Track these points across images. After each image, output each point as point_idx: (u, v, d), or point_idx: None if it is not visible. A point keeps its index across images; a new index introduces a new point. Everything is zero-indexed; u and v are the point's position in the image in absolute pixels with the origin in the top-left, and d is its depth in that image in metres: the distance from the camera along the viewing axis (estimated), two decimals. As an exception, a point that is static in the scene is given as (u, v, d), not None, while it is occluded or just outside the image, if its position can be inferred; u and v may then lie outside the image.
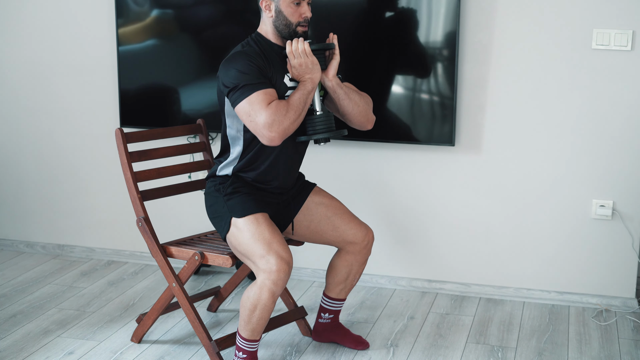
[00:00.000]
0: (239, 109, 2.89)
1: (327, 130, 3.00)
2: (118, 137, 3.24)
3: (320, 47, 2.98)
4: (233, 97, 2.90)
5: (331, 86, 3.02)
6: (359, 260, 3.24)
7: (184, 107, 4.02)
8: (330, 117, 3.03)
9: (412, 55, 3.71)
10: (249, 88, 2.86)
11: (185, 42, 3.99)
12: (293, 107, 2.88)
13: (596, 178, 3.69)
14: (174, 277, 3.23)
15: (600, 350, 3.37)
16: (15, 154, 4.43)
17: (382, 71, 3.75)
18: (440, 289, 3.97)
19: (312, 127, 2.99)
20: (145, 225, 3.23)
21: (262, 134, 2.87)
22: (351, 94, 3.06)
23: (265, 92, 2.87)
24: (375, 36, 3.73)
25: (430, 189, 3.89)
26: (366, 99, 3.14)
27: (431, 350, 3.36)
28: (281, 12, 2.96)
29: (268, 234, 2.93)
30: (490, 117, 3.76)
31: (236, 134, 3.05)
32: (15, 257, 4.43)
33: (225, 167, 3.11)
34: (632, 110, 3.60)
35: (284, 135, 2.87)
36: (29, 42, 4.26)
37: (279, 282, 2.88)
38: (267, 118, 2.84)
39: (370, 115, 3.14)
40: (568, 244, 3.78)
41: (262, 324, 2.98)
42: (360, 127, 3.16)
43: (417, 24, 3.66)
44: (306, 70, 2.93)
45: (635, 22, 3.52)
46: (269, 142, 2.88)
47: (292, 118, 2.87)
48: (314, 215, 3.19)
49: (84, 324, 3.59)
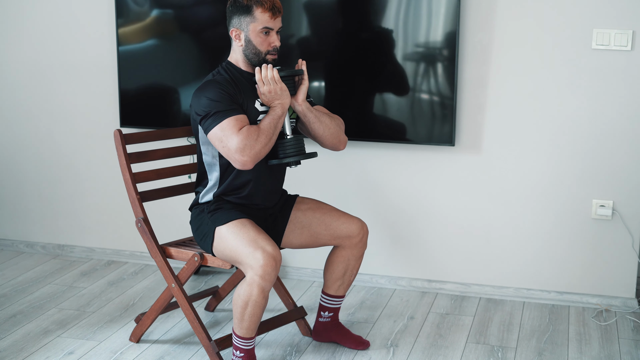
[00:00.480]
0: (212, 136, 2.95)
1: (298, 154, 3.08)
2: (117, 138, 3.24)
3: (289, 74, 3.05)
4: (205, 124, 2.96)
5: (301, 110, 3.09)
6: (355, 254, 3.26)
7: (184, 108, 4.02)
8: (300, 140, 3.10)
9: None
10: (220, 115, 2.93)
11: (185, 42, 3.99)
12: (264, 132, 2.95)
13: (596, 178, 3.69)
14: (174, 278, 3.23)
15: (600, 350, 3.37)
16: (15, 154, 4.43)
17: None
18: (440, 289, 3.97)
19: (283, 151, 3.07)
20: (145, 226, 3.23)
21: (235, 159, 2.93)
22: (322, 117, 3.13)
23: (237, 118, 2.94)
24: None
25: (430, 189, 3.89)
26: (337, 121, 3.21)
27: (431, 350, 3.36)
28: (250, 41, 3.03)
29: (253, 233, 2.96)
30: (490, 117, 3.75)
31: (212, 160, 3.11)
32: (15, 257, 4.44)
33: (206, 194, 3.16)
34: (632, 110, 3.60)
35: (255, 159, 2.94)
36: (29, 42, 4.26)
37: (267, 276, 2.90)
38: (239, 143, 2.90)
39: (341, 136, 3.21)
40: (568, 244, 3.78)
41: (255, 321, 3.00)
42: (332, 149, 3.22)
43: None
44: (275, 97, 3.00)
45: (635, 22, 3.52)
46: (242, 166, 2.93)
47: (263, 142, 2.94)
48: (304, 221, 3.23)
49: (84, 324, 3.59)
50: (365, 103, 3.80)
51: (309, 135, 3.18)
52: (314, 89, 3.82)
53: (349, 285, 3.35)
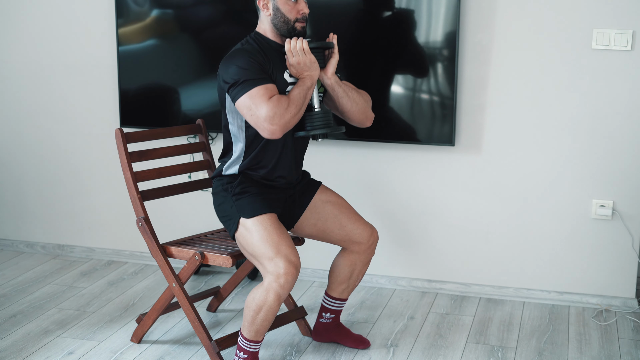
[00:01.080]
0: (240, 104, 2.90)
1: (325, 127, 3.02)
2: (118, 137, 3.24)
3: (319, 46, 2.99)
4: (233, 92, 2.91)
5: (330, 84, 3.04)
6: (363, 260, 3.24)
7: (184, 107, 4.02)
8: (329, 114, 3.05)
9: (411, 55, 3.71)
10: (249, 83, 2.88)
11: (185, 42, 3.99)
12: (293, 102, 2.90)
13: (596, 178, 3.69)
14: (174, 277, 3.23)
15: (600, 350, 3.37)
16: (15, 154, 4.43)
17: (381, 71, 3.75)
18: (440, 289, 3.97)
19: (311, 123, 3.02)
20: (145, 225, 3.23)
21: (264, 127, 2.88)
22: (350, 91, 3.08)
23: (266, 87, 2.89)
24: (373, 36, 3.73)
25: (430, 189, 3.89)
26: (365, 96, 3.16)
27: (431, 350, 3.36)
28: (279, 9, 2.98)
29: (276, 236, 2.93)
30: (490, 117, 3.76)
31: (238, 131, 3.05)
32: (15, 257, 4.43)
33: (230, 167, 3.11)
34: (632, 110, 3.60)
35: (285, 128, 2.89)
36: (30, 42, 4.26)
37: (287, 285, 2.88)
38: (269, 111, 2.85)
39: (369, 112, 3.16)
40: (568, 244, 3.78)
41: (265, 326, 2.98)
42: (359, 125, 3.17)
43: (415, 24, 3.66)
44: (304, 68, 2.96)
45: (635, 22, 3.52)
46: (270, 134, 2.89)
47: (292, 112, 2.89)
48: (321, 213, 3.20)
49: (84, 324, 3.59)
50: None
51: (336, 111, 3.13)
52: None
53: (353, 289, 3.34)
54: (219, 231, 3.52)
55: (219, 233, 3.50)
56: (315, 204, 3.20)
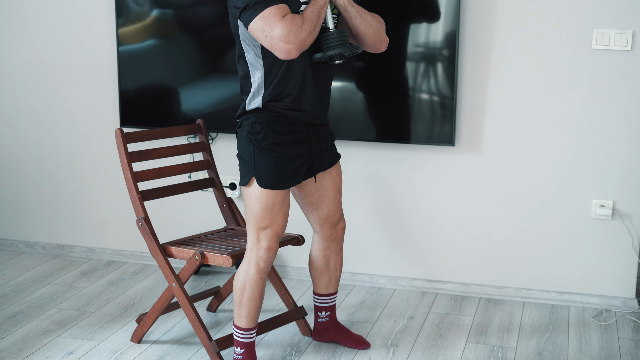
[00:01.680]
0: (253, 27, 2.83)
1: (341, 46, 2.94)
2: (118, 137, 3.24)
3: None
4: (245, 15, 2.84)
5: (342, 4, 2.99)
6: (333, 248, 3.28)
7: (184, 107, 4.02)
8: (344, 33, 2.97)
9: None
10: (261, 5, 2.82)
11: (185, 42, 3.99)
12: (308, 20, 2.84)
13: (596, 178, 3.69)
14: (174, 277, 3.23)
15: (600, 350, 3.37)
16: (15, 154, 4.43)
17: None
18: (440, 289, 3.97)
19: (327, 44, 2.94)
20: (145, 225, 3.23)
21: (279, 47, 2.81)
22: (363, 13, 3.03)
23: (278, 7, 2.83)
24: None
25: (430, 189, 3.89)
26: (378, 19, 3.09)
27: (431, 350, 3.36)
28: None
29: (276, 213, 2.99)
30: (490, 117, 3.76)
31: (255, 59, 2.97)
32: (15, 257, 4.43)
33: (253, 100, 3.01)
34: (632, 110, 3.60)
35: (301, 47, 2.82)
36: (30, 42, 4.26)
37: (267, 258, 2.99)
38: (283, 30, 2.79)
39: (383, 35, 3.10)
40: (568, 244, 3.78)
41: (253, 306, 3.03)
42: (373, 49, 3.11)
43: None
44: None
45: (635, 22, 3.52)
46: (286, 54, 2.82)
47: (307, 30, 2.83)
48: (324, 188, 3.19)
49: (84, 324, 3.59)
50: (365, 102, 3.80)
51: (350, 35, 3.06)
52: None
53: (337, 282, 3.34)
54: (219, 231, 3.52)
55: (219, 233, 3.50)
56: (325, 177, 3.18)
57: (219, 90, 3.93)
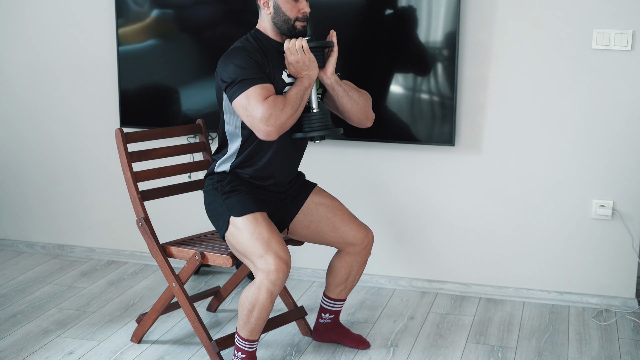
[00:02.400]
0: (236, 104, 2.89)
1: (323, 128, 2.99)
2: (118, 137, 3.24)
3: (319, 45, 2.97)
4: (230, 91, 2.90)
5: (329, 83, 3.03)
6: (359, 261, 3.24)
7: (184, 107, 4.02)
8: (327, 115, 3.02)
9: (412, 53, 3.71)
10: (246, 82, 2.87)
11: (185, 42, 3.99)
12: (290, 102, 2.88)
13: (596, 178, 3.70)
14: (174, 277, 3.23)
15: (600, 350, 3.37)
16: (15, 154, 4.43)
17: (381, 70, 3.75)
18: (440, 289, 3.97)
19: (309, 125, 2.99)
20: (145, 225, 3.23)
21: (259, 128, 2.86)
22: (350, 91, 3.06)
23: (263, 86, 2.87)
24: (374, 35, 3.73)
25: (430, 189, 3.89)
26: (365, 96, 3.14)
27: (431, 350, 3.36)
28: (279, 8, 2.97)
29: (267, 233, 2.92)
30: (490, 117, 3.76)
31: (234, 130, 3.04)
32: (15, 257, 4.44)
33: (222, 164, 3.10)
34: (632, 110, 3.60)
35: (280, 130, 2.87)
36: (29, 42, 4.26)
37: (278, 282, 2.88)
38: (264, 112, 2.83)
39: (369, 112, 3.14)
40: (568, 244, 3.78)
41: (260, 324, 2.98)
42: (359, 125, 3.15)
43: (417, 22, 3.66)
44: (303, 67, 2.94)
45: (635, 22, 3.52)
46: (266, 136, 2.87)
47: (289, 113, 2.87)
48: (314, 215, 3.19)
49: (84, 324, 3.59)
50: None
51: (336, 111, 3.11)
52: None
53: (351, 290, 3.34)
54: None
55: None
56: (309, 206, 3.19)
57: (219, 90, 3.94)
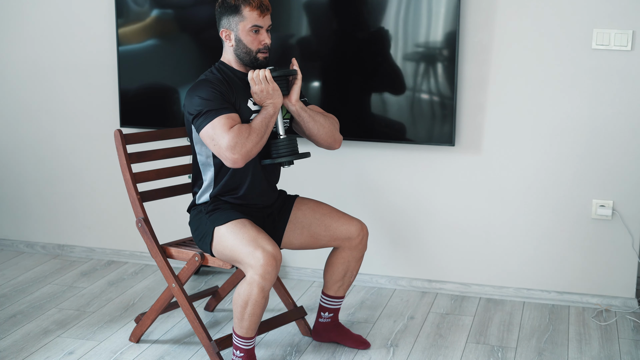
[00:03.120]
0: (203, 134, 2.96)
1: (291, 154, 3.07)
2: (117, 138, 3.24)
3: (282, 74, 3.04)
4: (197, 122, 2.97)
5: (295, 110, 3.09)
6: (356, 256, 3.26)
7: (182, 106, 4.01)
8: (294, 140, 3.10)
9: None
10: (212, 113, 2.94)
11: (185, 42, 3.99)
12: (255, 130, 2.95)
13: (596, 178, 3.69)
14: (174, 278, 3.23)
15: (600, 350, 3.37)
16: (15, 154, 4.43)
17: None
18: (440, 289, 3.97)
19: (276, 151, 3.07)
20: (145, 226, 3.23)
21: (225, 157, 2.93)
22: (316, 116, 3.13)
23: (228, 116, 2.94)
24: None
25: (430, 189, 3.89)
26: (331, 119, 3.20)
27: (431, 350, 3.36)
28: (241, 40, 3.04)
29: (253, 232, 2.96)
30: (490, 117, 3.76)
31: (206, 160, 3.11)
32: (15, 257, 4.44)
33: (202, 195, 3.16)
34: (632, 110, 3.60)
35: (246, 157, 2.94)
36: (29, 42, 4.26)
37: (267, 276, 2.89)
38: (230, 141, 2.90)
39: (336, 135, 3.21)
40: (568, 244, 3.78)
41: (255, 321, 3.00)
42: (327, 147, 3.22)
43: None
44: (267, 96, 3.00)
45: (635, 22, 3.52)
46: (233, 164, 2.94)
47: (254, 141, 2.94)
48: (304, 221, 3.23)
49: (84, 324, 3.59)
50: (363, 102, 3.80)
51: (304, 135, 3.17)
52: (313, 88, 3.82)
53: (349, 286, 3.35)
54: (218, 231, 3.52)
55: (219, 233, 3.49)
56: (296, 215, 3.24)
57: (219, 90, 3.94)
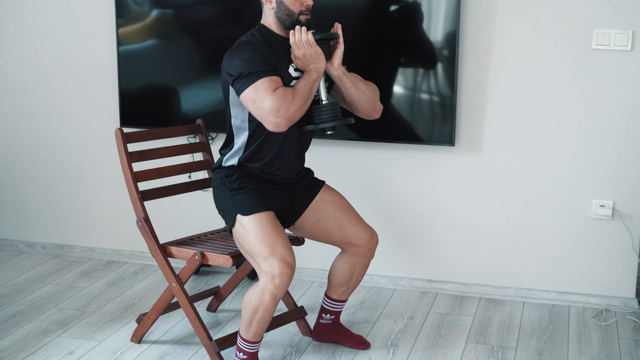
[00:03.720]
0: (244, 97, 2.89)
1: (334, 119, 2.99)
2: (118, 137, 3.24)
3: (324, 37, 2.97)
4: (238, 85, 2.90)
5: (337, 75, 3.03)
6: (362, 263, 3.24)
7: (184, 107, 4.02)
8: (337, 106, 3.02)
9: (418, 47, 3.69)
10: (254, 75, 2.87)
11: (185, 42, 3.99)
12: (299, 94, 2.88)
13: (596, 178, 3.70)
14: (174, 277, 3.23)
15: (600, 350, 3.37)
16: (15, 154, 4.43)
17: (385, 69, 3.75)
18: (440, 289, 3.97)
19: (319, 116, 2.99)
20: (145, 225, 3.23)
21: (269, 120, 2.86)
22: (357, 82, 3.07)
23: (271, 79, 2.87)
24: (380, 29, 3.73)
25: (430, 189, 3.89)
26: (372, 87, 3.14)
27: (431, 350, 3.36)
28: (282, 2, 2.97)
29: (272, 235, 2.92)
30: (490, 117, 3.76)
31: (241, 124, 3.04)
32: (15, 257, 4.43)
33: (230, 158, 3.09)
34: (632, 110, 3.60)
35: (290, 121, 2.87)
36: (29, 42, 4.26)
37: (282, 285, 2.88)
38: (274, 104, 2.83)
39: (377, 103, 3.14)
40: (568, 244, 3.78)
41: (263, 327, 2.98)
42: (367, 116, 3.15)
43: (422, 16, 3.64)
44: (310, 60, 2.93)
45: (635, 22, 3.52)
46: (275, 127, 2.86)
47: (298, 104, 2.87)
48: (322, 213, 3.19)
49: (84, 324, 3.59)
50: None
51: (344, 103, 3.10)
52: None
53: (353, 291, 3.34)
54: (219, 231, 3.52)
55: (219, 233, 3.50)
56: (317, 204, 3.19)
57: (219, 90, 3.93)
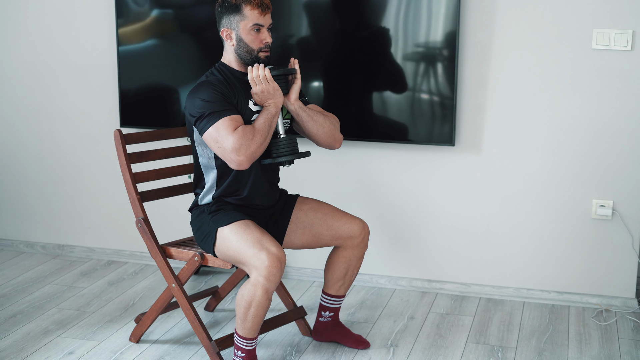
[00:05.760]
0: (207, 137, 2.95)
1: (291, 153, 3.07)
2: (117, 138, 3.24)
3: (281, 73, 3.04)
4: (200, 125, 2.96)
5: (294, 109, 3.09)
6: (357, 254, 3.26)
7: (184, 107, 4.02)
8: (293, 139, 3.09)
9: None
10: (214, 115, 2.93)
11: (185, 42, 3.99)
12: (259, 131, 2.95)
13: (596, 178, 3.69)
14: (174, 278, 3.23)
15: (600, 350, 3.37)
16: (15, 154, 4.43)
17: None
18: (440, 289, 3.97)
19: (277, 150, 3.07)
20: (145, 226, 3.23)
21: (231, 159, 2.92)
22: (315, 115, 3.12)
23: (231, 118, 2.94)
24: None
25: (430, 189, 3.89)
26: (331, 119, 3.19)
27: (431, 350, 3.36)
28: (242, 40, 3.03)
29: (257, 233, 2.96)
30: (490, 117, 3.76)
31: (208, 162, 3.11)
32: (15, 257, 4.44)
33: (205, 196, 3.16)
34: (632, 110, 3.60)
35: (251, 158, 2.93)
36: (29, 42, 4.26)
37: (272, 277, 2.89)
38: (235, 143, 2.90)
39: (336, 135, 3.20)
40: (568, 244, 3.78)
41: (257, 322, 2.99)
42: (327, 147, 3.21)
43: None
44: (268, 96, 2.99)
45: (635, 22, 3.52)
46: (238, 166, 2.93)
47: (258, 142, 2.94)
48: (306, 221, 3.23)
49: (84, 324, 3.59)
50: (365, 102, 3.80)
51: (304, 135, 3.17)
52: (314, 88, 3.82)
53: (350, 285, 3.35)
54: (218, 231, 3.52)
55: (219, 233, 3.49)
56: (298, 215, 3.24)
57: (219, 90, 3.94)
